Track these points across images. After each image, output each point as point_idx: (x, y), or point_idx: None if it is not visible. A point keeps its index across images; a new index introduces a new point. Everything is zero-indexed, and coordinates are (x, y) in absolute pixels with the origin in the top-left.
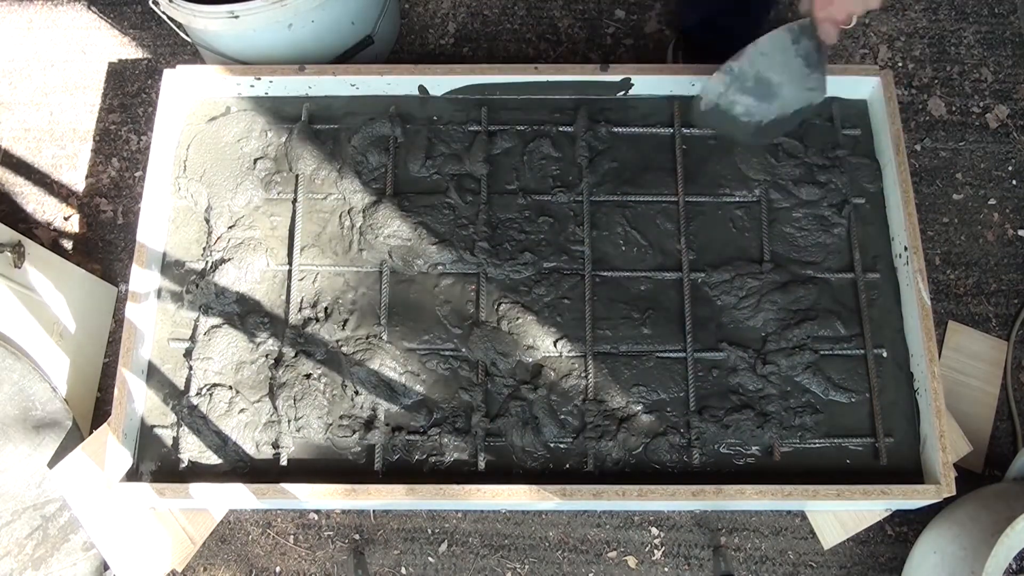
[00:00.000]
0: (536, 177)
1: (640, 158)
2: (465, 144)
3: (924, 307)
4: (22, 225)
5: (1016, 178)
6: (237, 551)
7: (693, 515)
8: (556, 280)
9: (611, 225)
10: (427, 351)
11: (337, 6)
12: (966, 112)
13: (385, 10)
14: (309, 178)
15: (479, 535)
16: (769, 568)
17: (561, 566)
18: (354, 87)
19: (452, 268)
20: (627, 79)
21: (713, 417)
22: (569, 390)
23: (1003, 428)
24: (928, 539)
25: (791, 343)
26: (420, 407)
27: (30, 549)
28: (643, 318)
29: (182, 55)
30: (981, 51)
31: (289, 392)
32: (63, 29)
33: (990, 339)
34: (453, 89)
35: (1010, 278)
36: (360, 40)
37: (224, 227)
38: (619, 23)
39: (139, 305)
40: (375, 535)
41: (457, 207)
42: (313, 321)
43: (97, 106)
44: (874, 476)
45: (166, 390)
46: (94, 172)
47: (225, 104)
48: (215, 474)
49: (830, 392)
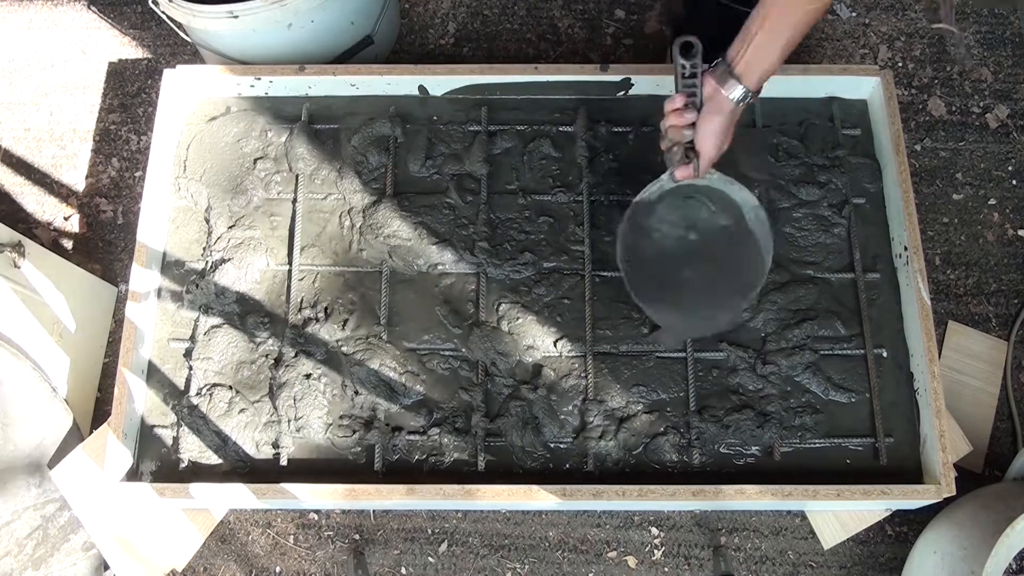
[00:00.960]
0: (536, 177)
1: (640, 158)
2: (465, 144)
3: (924, 307)
4: (22, 225)
5: (1016, 178)
6: (237, 551)
7: (693, 515)
8: (556, 280)
9: (611, 225)
10: (427, 351)
11: (336, 6)
12: (966, 112)
13: (385, 10)
14: (309, 178)
15: (479, 535)
16: (769, 568)
17: (561, 566)
18: (354, 87)
19: (452, 268)
20: (627, 79)
21: (713, 417)
22: (569, 390)
23: (1003, 428)
24: (928, 539)
25: (791, 343)
26: (420, 407)
27: (30, 549)
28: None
29: (182, 55)
30: (981, 51)
31: (289, 392)
32: (63, 29)
33: (990, 339)
34: (453, 89)
35: (1010, 278)
36: (360, 40)
37: (224, 227)
38: (619, 23)
39: (139, 305)
40: (375, 535)
41: (457, 207)
42: (313, 321)
43: (97, 106)
44: (874, 476)
45: (166, 390)
46: (94, 172)
47: (225, 104)
48: (215, 474)
49: (830, 392)
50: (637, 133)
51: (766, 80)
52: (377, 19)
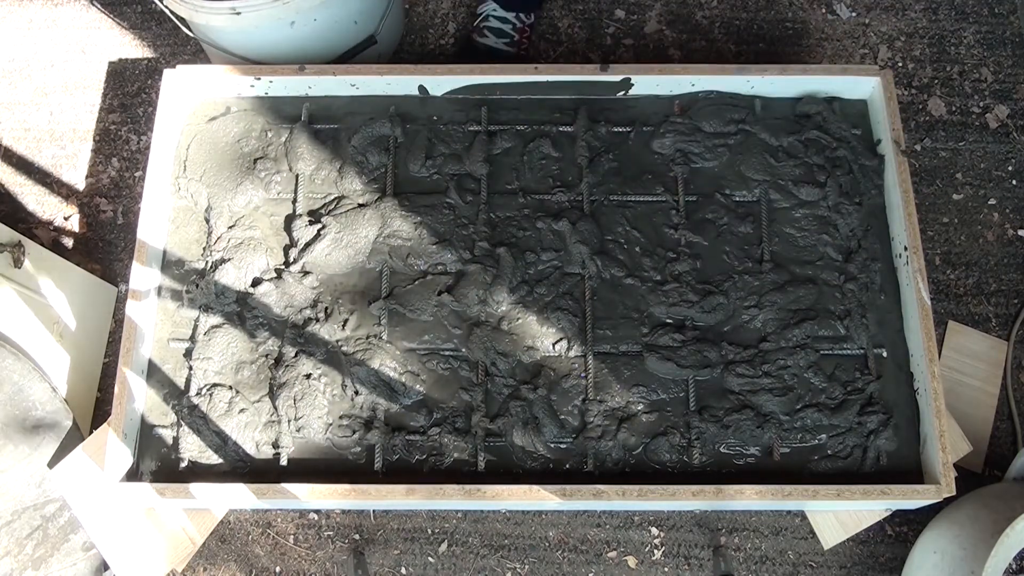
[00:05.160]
0: (536, 177)
1: (640, 158)
2: (465, 144)
3: (924, 307)
4: (22, 225)
5: (1016, 178)
6: (237, 551)
7: (693, 515)
8: (556, 280)
9: (611, 225)
10: (427, 351)
11: (340, 5)
12: (966, 112)
13: (389, 10)
14: (309, 178)
15: (479, 535)
16: (769, 568)
17: (561, 566)
18: (354, 87)
19: (452, 268)
20: (627, 79)
21: (713, 417)
22: (569, 390)
23: (1003, 428)
24: (928, 539)
25: (791, 343)
26: (420, 407)
27: (30, 549)
28: (643, 318)
29: (182, 55)
30: (981, 51)
31: (289, 392)
32: (63, 29)
33: (990, 339)
34: (453, 89)
35: (1010, 278)
36: (363, 39)
37: (224, 227)
38: (619, 23)
39: (139, 304)
40: (375, 535)
41: (457, 207)
42: (313, 321)
43: (97, 106)
44: (874, 476)
45: (166, 390)
46: (94, 172)
47: (225, 104)
48: (215, 474)
49: (830, 392)
50: (637, 133)
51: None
52: (381, 19)
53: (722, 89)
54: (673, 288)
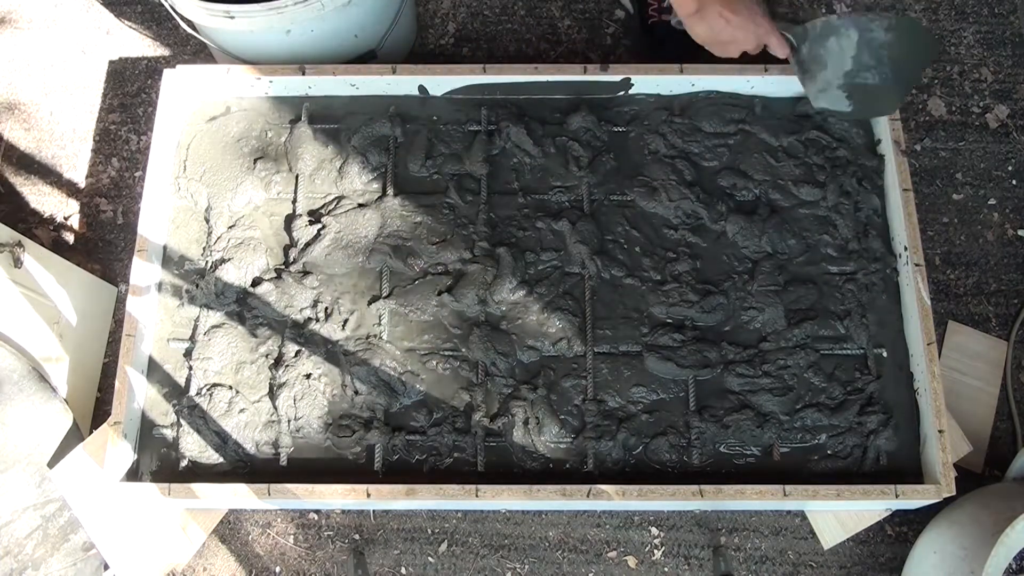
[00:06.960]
0: (536, 177)
1: (640, 158)
2: (465, 144)
3: (924, 307)
4: (22, 225)
5: (1016, 178)
6: (237, 551)
7: (693, 515)
8: (556, 280)
9: (611, 225)
10: (427, 351)
11: (338, 18)
12: (966, 112)
13: (393, 27)
14: (309, 178)
15: (479, 535)
16: (769, 568)
17: (561, 566)
18: (354, 87)
19: (452, 268)
20: (627, 79)
21: (713, 417)
22: (569, 390)
23: (1003, 428)
24: (928, 539)
25: (791, 343)
26: (420, 407)
27: (30, 549)
28: (643, 318)
29: (182, 55)
30: (981, 51)
31: (289, 392)
32: (63, 29)
33: (990, 339)
34: (453, 89)
35: (1010, 278)
36: (362, 54)
37: (224, 227)
38: (619, 23)
39: (139, 304)
40: (375, 535)
41: (457, 207)
42: (313, 321)
43: (97, 106)
44: (874, 476)
45: (166, 390)
46: (94, 172)
47: (225, 104)
48: (215, 474)
49: (830, 392)
50: (637, 133)
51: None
52: (384, 35)
53: (722, 89)
54: (673, 288)
